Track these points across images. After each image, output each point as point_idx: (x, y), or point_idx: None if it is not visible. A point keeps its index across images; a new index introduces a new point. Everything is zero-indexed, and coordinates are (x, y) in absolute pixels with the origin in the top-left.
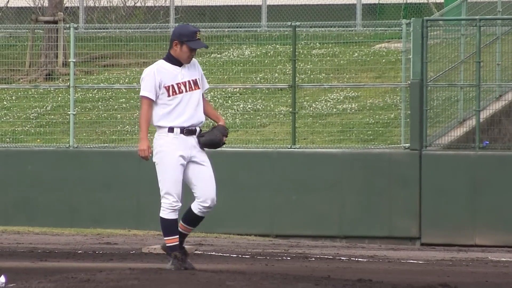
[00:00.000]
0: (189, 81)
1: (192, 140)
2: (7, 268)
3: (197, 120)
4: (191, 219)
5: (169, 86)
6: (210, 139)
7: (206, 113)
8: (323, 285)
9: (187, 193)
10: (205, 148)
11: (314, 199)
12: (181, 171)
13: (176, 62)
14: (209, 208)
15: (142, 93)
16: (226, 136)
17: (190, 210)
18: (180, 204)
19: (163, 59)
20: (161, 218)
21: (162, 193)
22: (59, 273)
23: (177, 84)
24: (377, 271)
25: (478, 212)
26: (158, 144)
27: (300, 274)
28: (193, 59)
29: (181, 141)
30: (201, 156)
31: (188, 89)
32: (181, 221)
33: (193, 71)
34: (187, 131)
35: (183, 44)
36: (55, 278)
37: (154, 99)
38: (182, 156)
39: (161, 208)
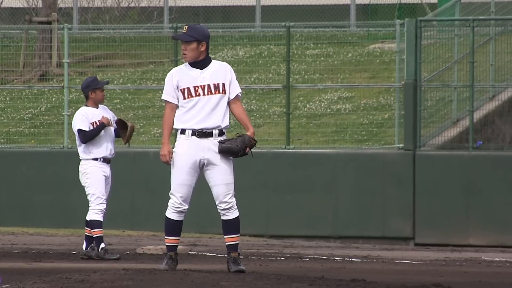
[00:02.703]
0: (208, 85)
1: (208, 142)
2: (1, 268)
3: (212, 124)
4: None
5: (184, 89)
6: (228, 148)
7: (238, 119)
8: (317, 285)
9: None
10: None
11: (308, 200)
12: (191, 174)
13: (198, 64)
14: (224, 210)
15: (162, 97)
16: (251, 147)
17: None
18: (185, 207)
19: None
20: (165, 216)
21: (170, 193)
22: (53, 274)
23: (194, 87)
24: (371, 271)
25: (472, 212)
26: (175, 146)
27: (294, 274)
28: (225, 64)
29: (194, 143)
30: (215, 160)
31: (206, 93)
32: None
33: (217, 75)
34: (200, 133)
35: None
36: (50, 279)
37: (174, 102)
38: (194, 160)
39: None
